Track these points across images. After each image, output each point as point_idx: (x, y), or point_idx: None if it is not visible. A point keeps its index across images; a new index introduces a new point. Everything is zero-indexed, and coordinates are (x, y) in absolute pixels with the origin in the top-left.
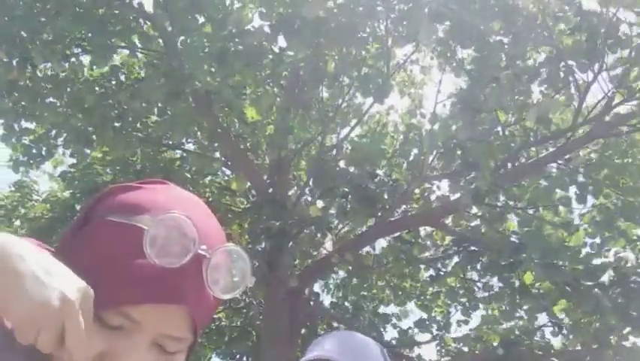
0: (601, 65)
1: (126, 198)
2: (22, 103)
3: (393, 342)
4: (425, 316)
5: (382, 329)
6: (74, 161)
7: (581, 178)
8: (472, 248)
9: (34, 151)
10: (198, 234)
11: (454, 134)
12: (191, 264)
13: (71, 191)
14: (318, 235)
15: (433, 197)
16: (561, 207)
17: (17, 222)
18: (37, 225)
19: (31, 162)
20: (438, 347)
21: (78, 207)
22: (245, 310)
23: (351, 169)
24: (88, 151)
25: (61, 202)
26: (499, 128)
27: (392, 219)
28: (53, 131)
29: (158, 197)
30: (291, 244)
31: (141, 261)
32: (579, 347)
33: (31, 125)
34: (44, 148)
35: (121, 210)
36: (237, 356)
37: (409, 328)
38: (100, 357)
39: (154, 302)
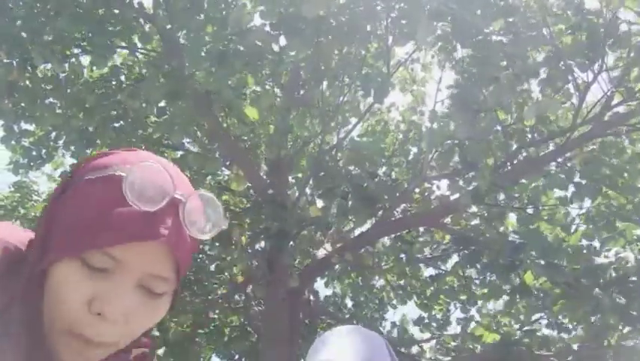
0: (601, 65)
1: (100, 160)
2: (22, 104)
3: (393, 339)
4: (424, 314)
5: (382, 328)
6: (74, 162)
7: (579, 178)
8: (472, 248)
9: (34, 153)
10: (173, 181)
11: (453, 133)
12: (169, 207)
13: None
14: (318, 235)
15: (432, 197)
16: (560, 207)
17: (17, 223)
18: (36, 225)
19: (32, 164)
20: (438, 346)
21: None
22: (244, 310)
23: (351, 169)
24: (89, 152)
25: None
26: (499, 128)
27: (392, 219)
28: (53, 133)
29: (130, 156)
30: (291, 243)
31: (121, 207)
32: (579, 347)
33: (31, 127)
34: (44, 150)
35: (97, 169)
36: (237, 357)
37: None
38: (89, 302)
39: (134, 240)
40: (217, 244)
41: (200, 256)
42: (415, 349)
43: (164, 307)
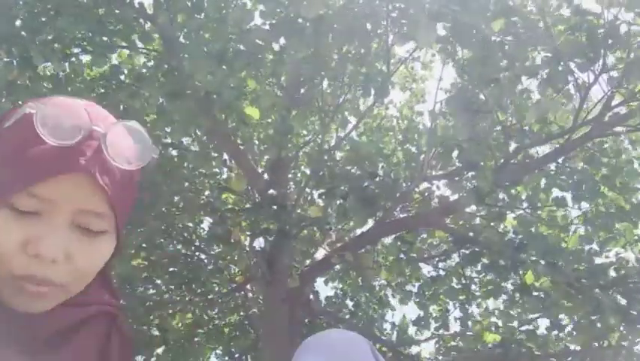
0: (601, 66)
1: (17, 108)
2: (20, 103)
3: (393, 340)
4: (423, 314)
5: (381, 328)
6: None
7: (578, 178)
8: (473, 248)
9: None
10: (89, 116)
11: (453, 133)
12: (89, 140)
13: None
14: (318, 235)
15: (433, 197)
16: (559, 208)
17: None
18: None
19: None
20: (437, 345)
21: None
22: (244, 310)
23: (351, 169)
24: None
25: None
26: (499, 128)
27: (392, 219)
28: None
29: (44, 98)
30: (291, 243)
31: (37, 145)
32: (579, 347)
33: None
34: None
35: (13, 115)
36: (236, 356)
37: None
38: (24, 245)
39: (52, 174)
40: (217, 243)
41: (200, 255)
42: (414, 349)
43: (106, 246)
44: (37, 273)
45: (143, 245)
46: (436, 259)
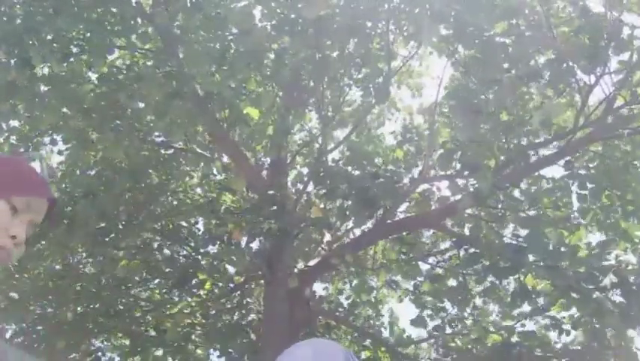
0: (604, 68)
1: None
2: (11, 101)
3: (391, 340)
4: (422, 314)
5: (380, 328)
6: (62, 159)
7: (581, 180)
8: (472, 250)
9: (21, 150)
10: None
11: (454, 134)
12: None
13: (63, 189)
14: (318, 236)
15: (433, 198)
16: (562, 208)
17: None
18: None
19: None
20: (435, 346)
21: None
22: (243, 310)
23: (351, 169)
24: (83, 151)
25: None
26: (500, 129)
27: (392, 220)
28: (40, 130)
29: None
30: (290, 244)
31: (35, 174)
32: (579, 348)
33: (18, 125)
34: (31, 147)
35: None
36: (235, 356)
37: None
38: (7, 227)
39: (44, 196)
40: (216, 243)
41: (199, 255)
42: (412, 349)
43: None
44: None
45: (140, 246)
46: (435, 259)
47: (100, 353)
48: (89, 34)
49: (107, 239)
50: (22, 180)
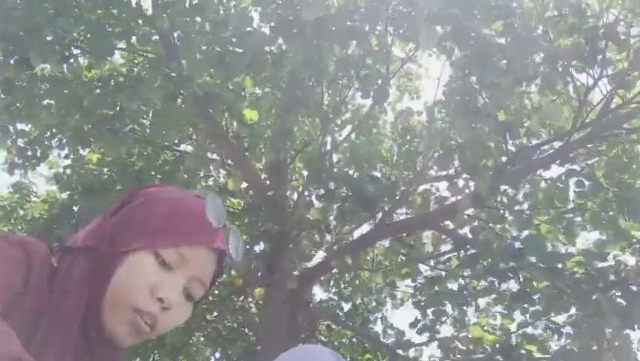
0: (601, 70)
1: (163, 188)
2: (18, 104)
3: (390, 343)
4: (420, 316)
5: (378, 329)
6: (69, 162)
7: (579, 179)
8: (472, 251)
9: (29, 153)
10: (225, 212)
11: (452, 135)
12: (222, 229)
13: (69, 192)
14: (317, 238)
15: (432, 199)
16: (561, 209)
17: (17, 223)
18: (35, 226)
19: (27, 164)
20: (436, 348)
21: (76, 208)
22: (242, 312)
23: (350, 171)
24: (84, 152)
25: (59, 204)
26: (499, 130)
27: (391, 221)
28: (47, 133)
29: (185, 191)
30: (290, 246)
31: (196, 218)
32: (578, 350)
33: (26, 128)
34: (39, 150)
35: (167, 192)
36: (234, 359)
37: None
38: (152, 287)
39: (205, 245)
40: None
41: None
42: (412, 351)
43: (188, 312)
44: (155, 312)
45: None
46: (435, 260)
47: None
48: (89, 36)
49: None
50: (175, 223)
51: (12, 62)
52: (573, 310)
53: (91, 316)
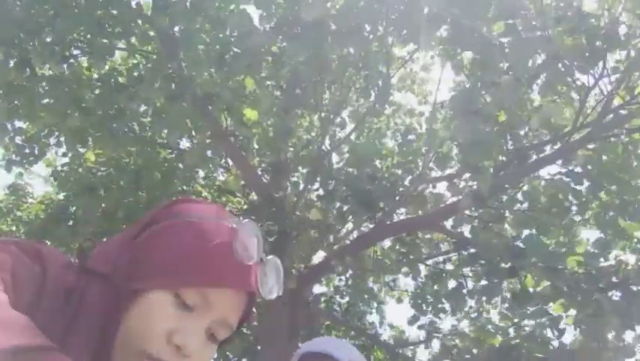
0: (602, 68)
1: (194, 206)
2: (16, 102)
3: (390, 341)
4: (419, 315)
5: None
6: (67, 160)
7: (580, 179)
8: (472, 251)
9: (26, 151)
10: (261, 242)
11: (453, 135)
12: (255, 265)
13: (65, 193)
14: (318, 237)
15: (432, 199)
16: (561, 209)
17: (13, 224)
18: (31, 227)
19: (24, 161)
20: (437, 347)
21: (72, 209)
22: None
23: (350, 171)
24: (82, 151)
25: (55, 205)
26: (500, 130)
27: (392, 221)
28: (45, 131)
29: (215, 208)
30: (290, 246)
31: (223, 254)
32: (578, 350)
33: (24, 125)
34: (36, 147)
35: (193, 213)
36: (233, 358)
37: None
38: (168, 333)
39: (234, 287)
40: None
41: None
42: (411, 350)
43: (213, 354)
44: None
45: None
46: (435, 260)
47: None
48: (89, 36)
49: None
50: (200, 260)
51: (12, 64)
52: (573, 310)
53: (101, 354)
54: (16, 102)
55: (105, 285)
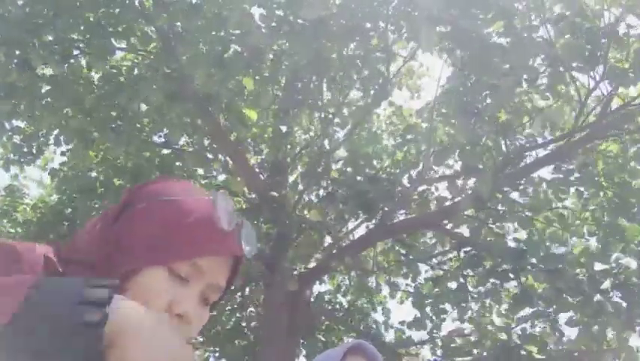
0: (603, 69)
1: (166, 185)
2: (14, 101)
3: (391, 342)
4: (422, 316)
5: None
6: (65, 159)
7: (579, 180)
8: (473, 251)
9: (24, 150)
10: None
11: (453, 136)
12: (235, 229)
13: (60, 196)
14: (317, 238)
15: (432, 200)
16: (561, 210)
17: (9, 226)
18: (28, 229)
19: (22, 160)
20: (437, 348)
21: (68, 211)
22: (241, 312)
23: (350, 171)
24: (82, 150)
25: (50, 207)
26: (499, 131)
27: (392, 222)
28: (44, 130)
29: (189, 186)
30: (290, 246)
31: (207, 225)
32: (579, 351)
33: (22, 124)
34: (35, 146)
35: (167, 193)
36: (234, 358)
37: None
38: (168, 304)
39: (221, 254)
40: None
41: None
42: (412, 350)
43: (207, 317)
44: None
45: None
46: (435, 260)
47: None
48: (89, 36)
49: None
50: (187, 234)
51: (13, 65)
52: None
53: None
54: (15, 102)
55: (93, 273)
